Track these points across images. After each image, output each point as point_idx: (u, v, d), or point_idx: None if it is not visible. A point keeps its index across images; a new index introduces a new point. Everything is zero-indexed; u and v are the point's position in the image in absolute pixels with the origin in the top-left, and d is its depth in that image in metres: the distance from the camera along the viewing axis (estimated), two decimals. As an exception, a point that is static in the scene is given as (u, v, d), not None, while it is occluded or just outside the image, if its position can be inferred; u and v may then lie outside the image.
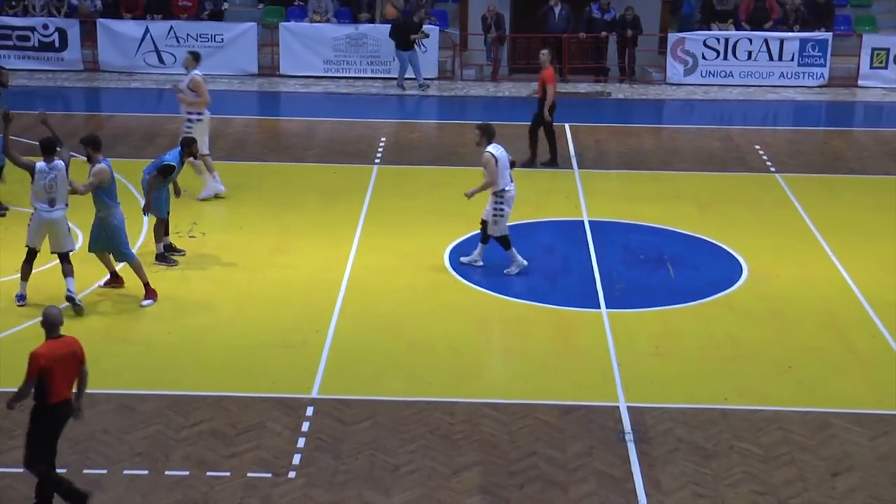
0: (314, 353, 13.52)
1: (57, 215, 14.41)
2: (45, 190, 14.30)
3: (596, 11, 26.86)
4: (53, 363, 10.14)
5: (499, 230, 15.74)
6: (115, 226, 14.71)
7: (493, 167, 15.46)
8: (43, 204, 14.36)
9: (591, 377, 13.14)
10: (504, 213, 15.67)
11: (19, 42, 26.83)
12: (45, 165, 14.30)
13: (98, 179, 14.47)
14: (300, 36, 26.80)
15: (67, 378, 10.30)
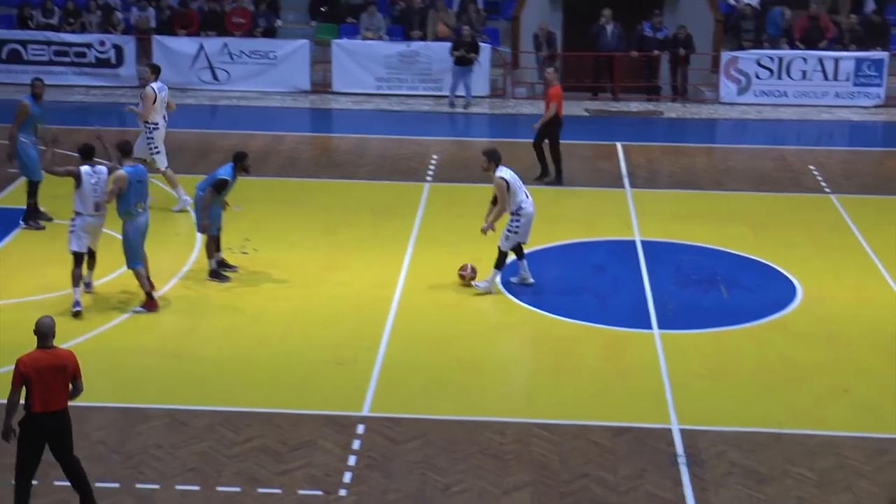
0: (365, 370, 13.53)
1: (102, 220, 14.98)
2: (91, 194, 14.69)
3: (648, 30, 26.78)
4: (34, 372, 10.13)
5: (506, 245, 15.67)
6: (130, 235, 14.97)
7: (506, 192, 15.41)
8: (89, 208, 14.76)
9: (642, 398, 13.05)
10: (518, 231, 15.63)
11: (76, 58, 27.11)
12: (90, 169, 14.76)
13: (117, 187, 14.71)
14: (353, 53, 26.90)
15: (53, 389, 10.24)
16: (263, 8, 27.98)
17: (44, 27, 27.57)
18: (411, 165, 21.48)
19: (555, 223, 18.46)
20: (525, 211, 15.62)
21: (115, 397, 12.85)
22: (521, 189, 15.69)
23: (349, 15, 28.24)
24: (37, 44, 27.06)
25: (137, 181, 14.88)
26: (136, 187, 14.85)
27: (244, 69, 26.97)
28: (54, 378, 10.24)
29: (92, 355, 13.81)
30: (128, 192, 14.75)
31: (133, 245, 15.00)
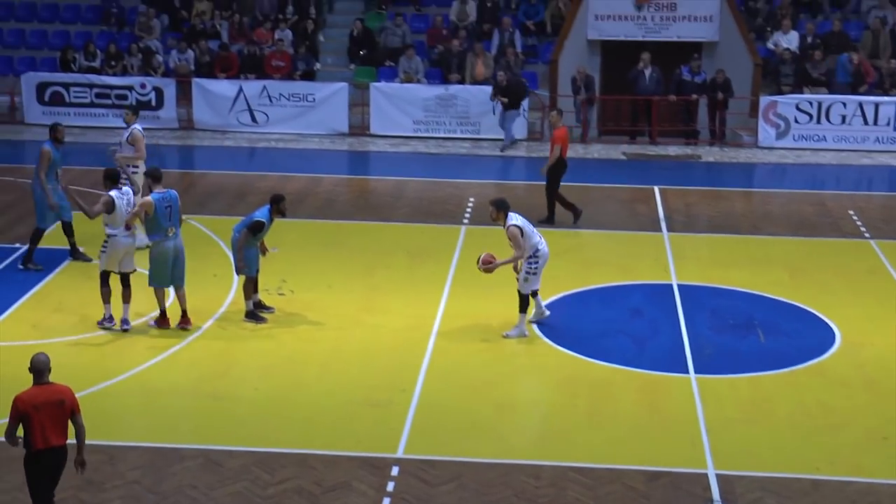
0: (400, 412, 13.51)
1: (133, 239, 15.79)
2: (123, 216, 15.45)
3: (686, 74, 26.79)
4: (32, 409, 10.16)
5: (526, 288, 15.67)
6: (156, 258, 15.58)
7: (521, 241, 15.42)
8: (120, 229, 15.50)
9: (678, 443, 12.95)
10: (537, 271, 15.65)
11: (117, 101, 27.38)
12: (118, 192, 15.62)
13: (142, 210, 15.38)
14: (390, 96, 27.05)
15: (52, 425, 10.27)
16: (303, 51, 28.22)
17: (86, 70, 27.90)
18: (448, 208, 21.52)
19: (591, 266, 18.44)
20: (542, 252, 15.67)
21: (151, 437, 12.88)
22: (535, 232, 15.74)
23: (387, 58, 28.43)
24: (79, 86, 27.38)
25: (166, 206, 15.45)
26: (165, 212, 15.42)
27: (283, 112, 27.17)
28: (53, 413, 10.27)
29: (128, 395, 13.91)
30: (156, 216, 15.33)
31: (158, 267, 15.59)
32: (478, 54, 27.43)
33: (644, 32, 27.32)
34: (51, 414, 10.25)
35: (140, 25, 29.30)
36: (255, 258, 16.11)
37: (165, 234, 15.49)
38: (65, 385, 10.56)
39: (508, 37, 28.13)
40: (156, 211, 15.34)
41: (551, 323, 16.10)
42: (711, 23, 27.13)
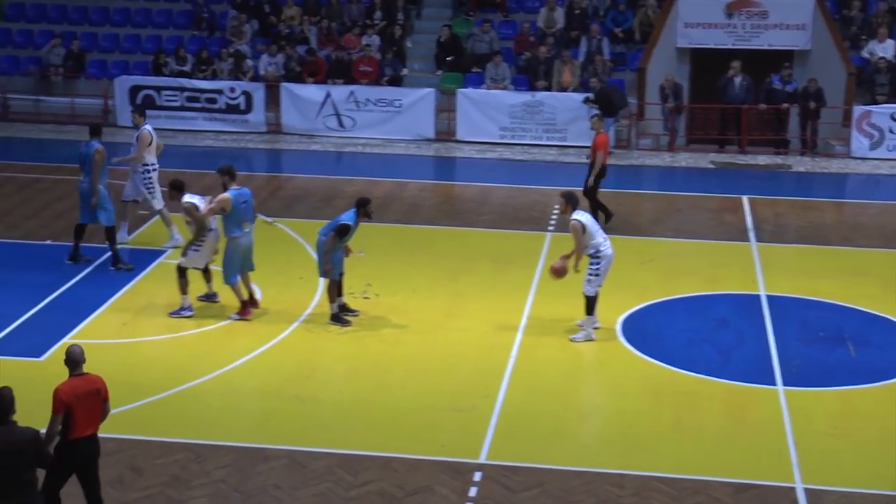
0: (483, 417, 13.49)
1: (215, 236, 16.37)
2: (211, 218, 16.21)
3: (777, 82, 26.46)
4: (75, 400, 10.26)
5: (590, 289, 15.63)
6: (231, 253, 16.13)
7: (580, 235, 15.46)
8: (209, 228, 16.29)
9: (765, 455, 12.78)
10: (599, 272, 15.60)
11: (207, 104, 27.72)
12: (192, 196, 16.24)
13: (219, 206, 15.90)
14: (477, 102, 27.05)
15: (90, 415, 10.39)
16: (390, 57, 28.34)
17: (177, 74, 28.28)
18: (533, 215, 21.47)
19: (678, 276, 18.28)
20: (604, 253, 15.61)
21: (236, 436, 12.99)
22: (599, 232, 15.73)
23: (475, 64, 28.43)
24: (170, 90, 27.75)
25: (242, 203, 15.99)
26: (241, 208, 15.96)
27: (370, 117, 27.30)
28: (91, 403, 10.40)
29: (214, 395, 14.05)
30: (233, 212, 15.83)
31: (232, 263, 16.07)
32: (565, 62, 27.33)
33: (734, 40, 27.02)
34: (90, 404, 10.39)
35: (231, 30, 29.63)
36: (340, 261, 16.20)
37: (241, 229, 16.00)
38: (95, 374, 10.67)
39: (596, 44, 27.99)
40: (233, 207, 15.80)
41: (637, 332, 15.99)
42: (804, 31, 26.76)
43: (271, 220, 19.83)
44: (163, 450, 12.57)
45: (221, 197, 15.91)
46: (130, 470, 12.15)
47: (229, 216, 15.94)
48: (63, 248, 18.89)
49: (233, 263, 16.12)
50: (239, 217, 16.01)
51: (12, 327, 15.86)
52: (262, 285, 17.35)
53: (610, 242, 15.82)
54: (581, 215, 15.65)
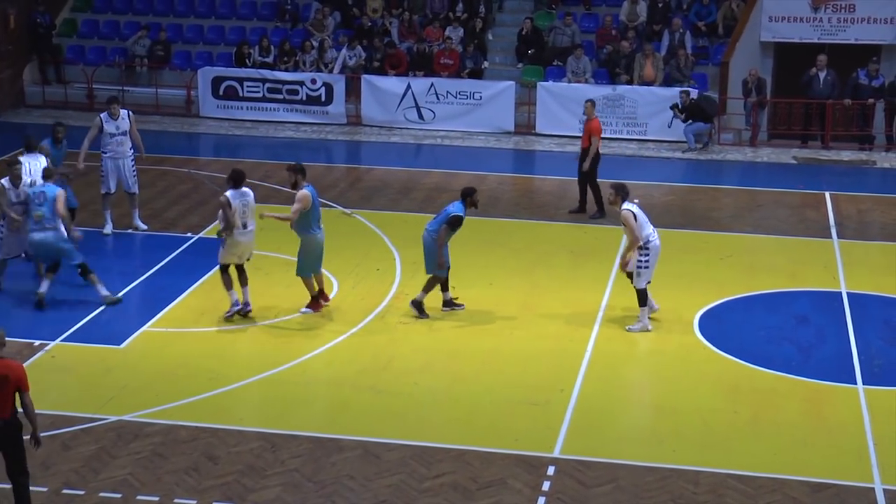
0: (558, 411, 13.45)
1: (251, 236, 15.98)
2: (239, 215, 15.76)
3: (863, 77, 26.03)
4: None
5: (640, 282, 15.66)
6: (310, 250, 16.03)
7: (633, 224, 15.51)
8: (238, 229, 15.77)
9: (844, 455, 12.59)
10: (648, 265, 15.62)
11: (289, 95, 27.91)
12: (235, 192, 15.82)
13: (302, 205, 15.72)
14: (557, 96, 26.95)
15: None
16: (471, 49, 28.32)
17: (260, 65, 28.51)
18: (612, 209, 21.29)
19: (758, 272, 18.07)
20: (652, 245, 15.67)
21: (311, 426, 13.08)
22: (648, 223, 15.81)
23: (556, 58, 28.33)
24: (252, 81, 27.97)
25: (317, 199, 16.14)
26: (317, 204, 16.13)
27: (450, 109, 27.31)
28: (4, 388, 10.42)
29: (290, 385, 14.16)
30: (311, 210, 15.89)
31: (309, 258, 16.04)
32: (647, 55, 27.13)
33: (820, 34, 26.64)
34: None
35: (313, 23, 29.80)
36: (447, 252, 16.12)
37: (319, 226, 16.10)
38: (15, 361, 10.72)
39: (679, 38, 27.73)
40: (312, 204, 15.85)
41: (715, 328, 15.84)
42: (892, 25, 26.30)
43: (349, 211, 19.95)
44: (238, 438, 12.70)
45: (302, 195, 15.81)
46: (206, 458, 12.28)
47: (308, 214, 15.88)
48: (145, 238, 19.18)
49: (309, 258, 16.09)
50: (316, 214, 16.06)
51: (93, 314, 16.11)
52: (339, 276, 17.46)
53: (657, 234, 15.86)
54: (631, 206, 15.74)
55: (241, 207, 15.77)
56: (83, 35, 31.09)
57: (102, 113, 19.48)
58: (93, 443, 12.61)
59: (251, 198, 16.03)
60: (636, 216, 15.63)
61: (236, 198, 15.74)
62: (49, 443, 12.53)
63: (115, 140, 19.34)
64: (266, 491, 11.72)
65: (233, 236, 15.76)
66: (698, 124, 25.66)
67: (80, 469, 12.10)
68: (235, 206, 15.68)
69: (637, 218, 15.62)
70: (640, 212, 15.83)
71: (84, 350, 15.02)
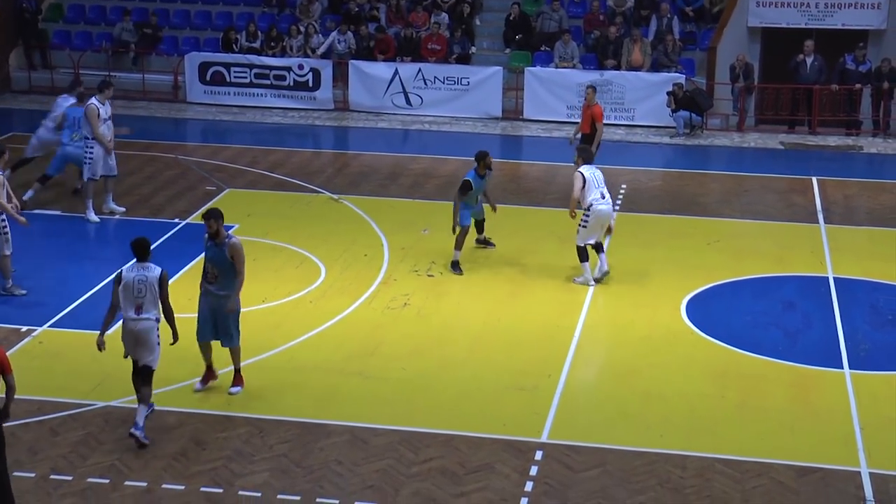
0: (545, 397, 13.47)
1: (145, 325, 12.27)
2: (132, 296, 12.33)
3: (850, 63, 26.06)
4: None
5: (579, 240, 16.81)
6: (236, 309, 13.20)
7: (576, 185, 16.76)
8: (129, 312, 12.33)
9: (830, 439, 12.65)
10: (587, 226, 16.72)
11: (276, 81, 27.84)
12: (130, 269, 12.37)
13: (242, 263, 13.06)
14: (545, 81, 26.93)
15: None
16: (459, 35, 28.28)
17: (247, 51, 28.43)
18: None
19: (745, 257, 18.10)
20: (594, 209, 16.64)
21: (299, 412, 13.08)
22: (598, 189, 16.73)
23: (543, 43, 28.30)
24: (239, 66, 27.89)
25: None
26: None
27: (437, 94, 27.27)
28: None
29: (278, 370, 14.16)
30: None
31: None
32: (635, 40, 27.12)
33: (807, 20, 26.65)
34: None
35: (300, 8, 29.72)
36: (468, 214, 17.27)
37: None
38: None
39: (666, 23, 27.72)
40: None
41: (702, 313, 15.88)
42: (879, 10, 26.34)
43: (337, 197, 19.94)
44: (226, 424, 12.70)
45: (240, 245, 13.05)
46: (194, 443, 12.29)
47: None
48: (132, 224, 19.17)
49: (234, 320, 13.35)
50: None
51: (81, 300, 16.08)
52: (327, 262, 17.45)
53: (609, 203, 16.85)
54: (586, 169, 16.84)
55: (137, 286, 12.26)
56: (69, 20, 30.96)
57: (94, 97, 19.35)
58: (80, 428, 12.60)
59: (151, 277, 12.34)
60: (585, 180, 16.68)
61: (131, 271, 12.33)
62: (37, 428, 12.55)
63: (106, 125, 19.28)
64: (254, 476, 11.73)
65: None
66: (684, 113, 25.66)
67: (67, 455, 12.10)
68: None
69: (585, 182, 16.69)
70: (593, 178, 16.76)
71: (72, 336, 15.00)
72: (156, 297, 12.22)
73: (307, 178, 21.99)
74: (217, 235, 12.91)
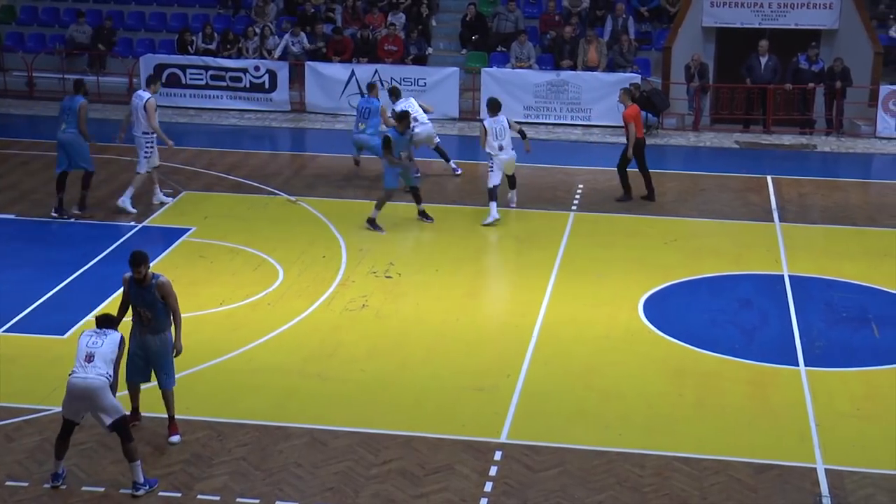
0: (504, 397, 13.50)
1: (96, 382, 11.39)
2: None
3: (803, 62, 26.28)
4: None
5: (488, 181, 19.48)
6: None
7: (482, 133, 19.59)
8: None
9: (787, 436, 12.75)
10: (492, 169, 19.46)
11: (232, 83, 27.73)
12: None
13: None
14: (502, 81, 26.96)
15: None
16: (415, 36, 28.29)
17: (203, 52, 28.30)
18: (557, 194, 21.42)
19: (701, 256, 18.22)
20: (496, 159, 19.49)
21: (258, 415, 13.03)
22: (501, 140, 19.41)
23: (500, 44, 28.36)
24: (195, 68, 27.76)
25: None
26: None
27: (394, 96, 27.20)
28: None
29: (236, 373, 14.11)
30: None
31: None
32: (590, 41, 27.23)
33: (761, 20, 26.86)
34: None
35: (256, 9, 29.62)
36: (395, 177, 18.82)
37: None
38: None
39: (622, 23, 27.87)
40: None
41: (660, 312, 15.96)
42: (831, 10, 26.59)
43: (294, 199, 19.88)
44: (184, 427, 12.63)
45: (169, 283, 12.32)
46: (152, 447, 12.22)
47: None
48: (88, 227, 19.04)
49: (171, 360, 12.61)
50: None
51: (36, 304, 15.96)
52: (285, 265, 17.41)
53: (512, 153, 19.58)
54: (495, 122, 19.48)
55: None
56: (22, 22, 30.74)
57: (150, 93, 19.88)
58: (36, 434, 12.51)
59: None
60: (487, 132, 19.43)
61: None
62: (-8, 435, 12.44)
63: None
64: (213, 480, 11.68)
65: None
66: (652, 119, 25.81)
67: (23, 461, 12.00)
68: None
69: (487, 133, 19.43)
70: (500, 131, 19.40)
71: (27, 340, 14.88)
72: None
73: (264, 180, 21.92)
74: (144, 279, 12.17)
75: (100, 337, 11.51)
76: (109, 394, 11.29)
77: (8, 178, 21.97)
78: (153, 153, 19.88)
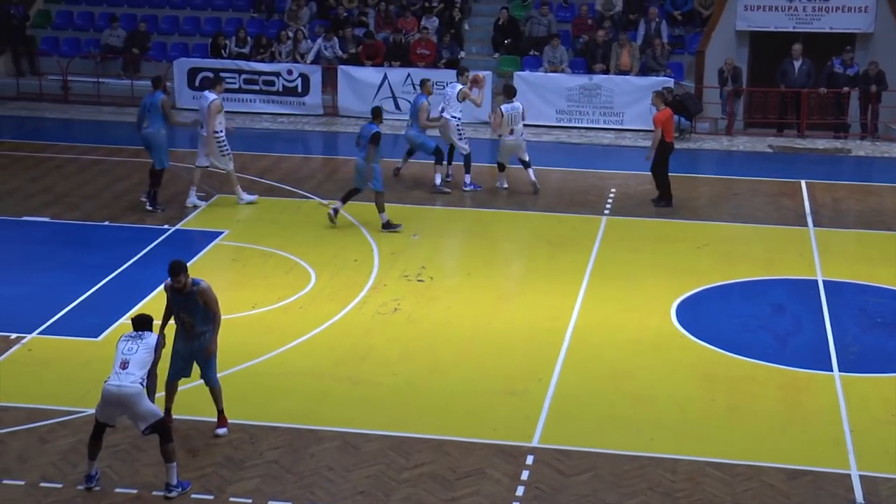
0: (536, 401, 13.48)
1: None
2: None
3: (838, 66, 26.14)
4: None
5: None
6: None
7: (496, 114, 20.94)
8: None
9: (820, 442, 12.67)
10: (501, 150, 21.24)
11: (265, 87, 27.83)
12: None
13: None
14: (534, 85, 26.94)
15: None
16: (448, 40, 28.31)
17: (236, 56, 28.41)
18: (589, 198, 21.38)
19: (734, 260, 18.14)
20: (503, 140, 20.92)
21: (290, 418, 13.05)
22: (514, 125, 20.57)
23: (532, 47, 28.35)
24: (228, 72, 27.85)
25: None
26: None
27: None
28: None
29: (268, 376, 14.14)
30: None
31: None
32: (623, 45, 27.18)
33: (795, 23, 26.73)
34: None
35: (289, 13, 29.73)
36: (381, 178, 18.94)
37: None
38: None
39: (655, 27, 27.81)
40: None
41: (692, 316, 15.90)
42: (866, 14, 26.43)
43: (327, 203, 19.92)
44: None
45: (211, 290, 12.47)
46: (185, 450, 12.25)
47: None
48: (122, 229, 19.15)
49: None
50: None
51: (71, 307, 16.05)
52: (317, 268, 17.44)
53: (521, 139, 20.92)
54: (510, 107, 20.71)
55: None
56: (57, 26, 30.96)
57: (216, 94, 20.56)
58: (70, 436, 12.57)
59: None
60: (503, 115, 20.58)
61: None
62: (26, 436, 12.51)
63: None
64: (245, 483, 11.71)
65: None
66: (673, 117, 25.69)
67: (57, 462, 12.07)
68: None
69: (503, 116, 20.63)
70: (512, 114, 20.62)
71: (61, 343, 14.97)
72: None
73: (297, 184, 21.99)
74: (184, 287, 12.24)
75: (135, 342, 11.54)
76: (145, 399, 11.34)
77: (42, 181, 22.10)
78: (228, 149, 20.33)
